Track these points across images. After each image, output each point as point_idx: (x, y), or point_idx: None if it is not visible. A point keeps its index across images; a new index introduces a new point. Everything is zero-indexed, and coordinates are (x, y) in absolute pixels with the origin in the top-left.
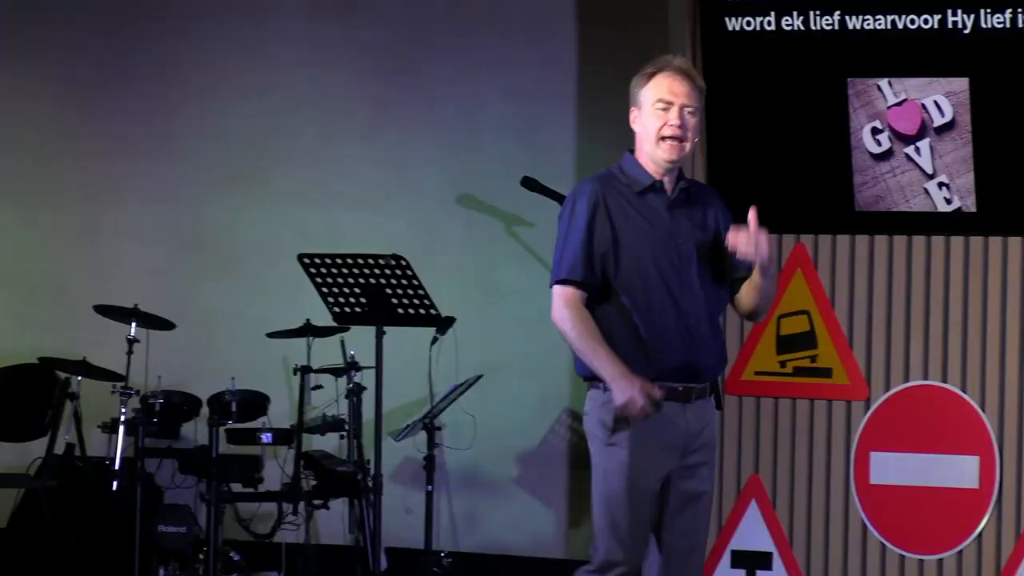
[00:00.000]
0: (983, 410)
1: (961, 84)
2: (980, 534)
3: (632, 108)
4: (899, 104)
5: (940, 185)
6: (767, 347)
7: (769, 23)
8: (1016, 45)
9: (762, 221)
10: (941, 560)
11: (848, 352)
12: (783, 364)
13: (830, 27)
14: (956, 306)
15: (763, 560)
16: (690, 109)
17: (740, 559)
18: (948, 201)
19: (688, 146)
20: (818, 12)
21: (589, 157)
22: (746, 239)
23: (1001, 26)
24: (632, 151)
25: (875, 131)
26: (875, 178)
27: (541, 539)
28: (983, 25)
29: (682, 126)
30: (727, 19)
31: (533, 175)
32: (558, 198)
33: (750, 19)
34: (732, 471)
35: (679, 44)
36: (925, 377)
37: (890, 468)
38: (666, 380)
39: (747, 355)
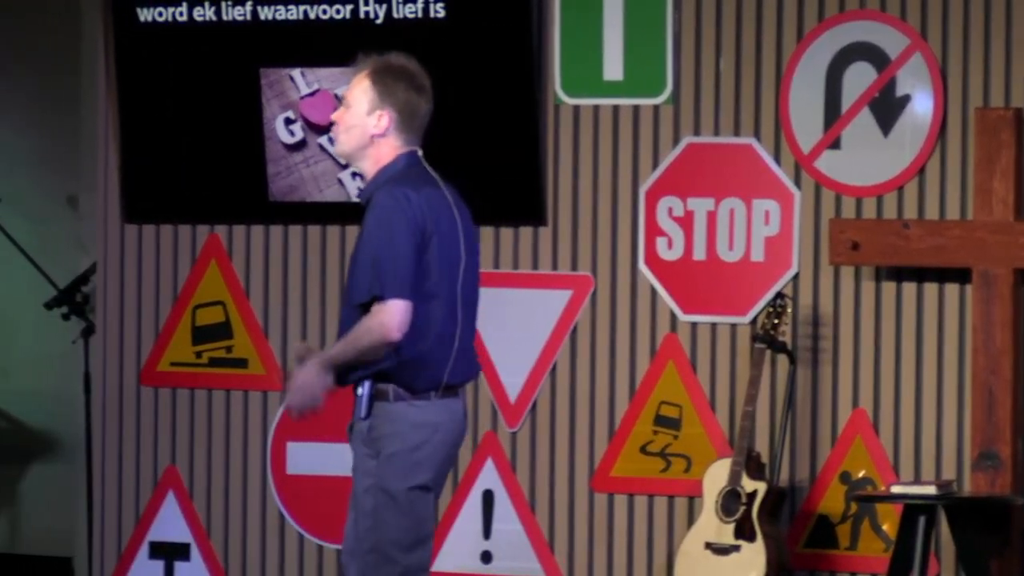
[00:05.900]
0: None
1: None
2: None
3: None
4: (312, 94)
5: (354, 175)
6: (183, 337)
7: (181, 14)
8: (425, 34)
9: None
10: None
11: (264, 342)
12: (199, 355)
13: (242, 18)
14: None
15: (181, 551)
16: (345, 102)
17: (158, 550)
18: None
19: (337, 140)
20: (230, 3)
21: None
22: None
23: (413, 16)
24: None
25: (288, 121)
26: (288, 168)
27: None
28: (395, 15)
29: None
30: (139, 10)
31: None
32: None
33: (162, 10)
34: (149, 462)
35: (92, 35)
36: None
37: (307, 458)
38: None
39: (163, 346)
